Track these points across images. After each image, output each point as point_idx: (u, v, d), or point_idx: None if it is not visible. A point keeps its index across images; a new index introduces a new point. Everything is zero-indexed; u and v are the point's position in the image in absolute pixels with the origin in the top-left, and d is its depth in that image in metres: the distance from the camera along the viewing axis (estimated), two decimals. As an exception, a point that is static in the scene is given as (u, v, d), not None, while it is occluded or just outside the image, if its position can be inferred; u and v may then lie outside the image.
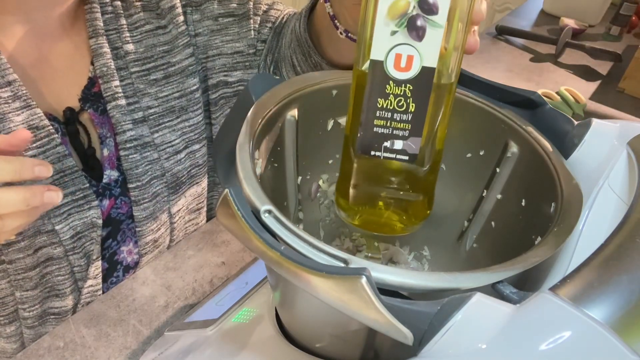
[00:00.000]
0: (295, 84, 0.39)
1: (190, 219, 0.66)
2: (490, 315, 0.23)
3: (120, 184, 0.56)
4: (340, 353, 0.34)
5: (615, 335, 0.21)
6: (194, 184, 0.63)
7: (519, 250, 0.28)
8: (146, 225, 0.58)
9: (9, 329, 0.55)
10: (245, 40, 0.60)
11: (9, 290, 0.52)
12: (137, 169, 0.56)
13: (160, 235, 0.61)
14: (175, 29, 0.57)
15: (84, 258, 0.54)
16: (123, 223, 0.58)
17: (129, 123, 0.54)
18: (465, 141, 0.42)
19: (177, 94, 0.58)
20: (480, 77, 0.41)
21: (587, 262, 0.25)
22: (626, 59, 1.06)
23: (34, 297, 0.53)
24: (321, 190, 0.46)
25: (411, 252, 0.48)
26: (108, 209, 0.55)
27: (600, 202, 0.33)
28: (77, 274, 0.55)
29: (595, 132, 0.36)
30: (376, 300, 0.22)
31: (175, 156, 0.59)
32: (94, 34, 0.52)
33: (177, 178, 0.60)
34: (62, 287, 0.54)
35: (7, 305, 0.53)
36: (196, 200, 0.65)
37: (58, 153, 0.49)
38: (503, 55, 1.10)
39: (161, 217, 0.60)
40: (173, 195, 0.60)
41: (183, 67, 0.57)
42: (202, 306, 0.49)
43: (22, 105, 0.47)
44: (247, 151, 0.31)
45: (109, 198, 0.55)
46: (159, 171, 0.58)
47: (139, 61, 0.55)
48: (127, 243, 0.59)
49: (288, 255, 0.24)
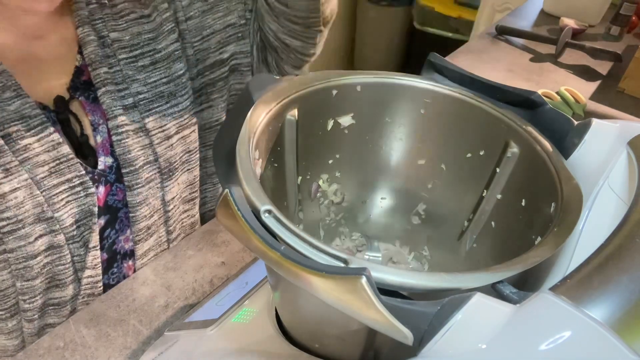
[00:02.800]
0: (295, 84, 0.39)
1: (185, 209, 0.67)
2: (490, 315, 0.23)
3: (115, 170, 0.57)
4: (340, 353, 0.34)
5: (615, 335, 0.21)
6: (186, 171, 0.64)
7: (519, 250, 0.28)
8: (140, 211, 0.59)
9: (10, 324, 0.55)
10: (236, 12, 0.63)
11: (10, 281, 0.52)
12: (130, 154, 0.56)
13: (153, 223, 0.61)
14: (159, 16, 0.58)
15: (83, 247, 0.55)
16: (120, 211, 0.59)
17: (120, 108, 0.55)
18: (465, 141, 0.42)
19: (165, 80, 0.59)
20: (480, 77, 0.41)
21: (587, 262, 0.25)
22: (626, 59, 1.05)
23: (35, 288, 0.53)
24: (321, 190, 0.46)
25: (411, 252, 0.48)
26: (104, 195, 0.56)
27: (600, 202, 0.33)
28: (76, 264, 0.55)
29: (595, 132, 0.36)
30: (376, 300, 0.22)
31: (167, 141, 0.60)
32: (81, 22, 0.54)
33: (170, 164, 0.61)
34: (62, 277, 0.55)
35: (8, 298, 0.54)
36: (189, 189, 0.66)
37: (52, 141, 0.50)
38: (503, 55, 1.10)
39: (154, 203, 0.60)
40: (167, 182, 0.61)
41: (169, 52, 0.59)
42: (202, 306, 0.49)
43: (12, 95, 0.48)
44: (247, 151, 0.31)
45: (105, 185, 0.56)
46: (152, 156, 0.58)
47: (126, 48, 0.56)
48: (125, 231, 0.60)
49: (288, 255, 0.24)
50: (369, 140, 0.45)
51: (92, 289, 0.57)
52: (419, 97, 0.43)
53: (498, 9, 1.69)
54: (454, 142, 0.43)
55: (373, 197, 0.48)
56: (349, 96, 0.42)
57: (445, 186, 0.45)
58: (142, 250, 0.62)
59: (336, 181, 0.47)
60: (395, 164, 0.46)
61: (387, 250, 0.49)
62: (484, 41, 1.16)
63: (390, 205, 0.48)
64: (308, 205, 0.46)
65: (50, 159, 0.50)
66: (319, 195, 0.46)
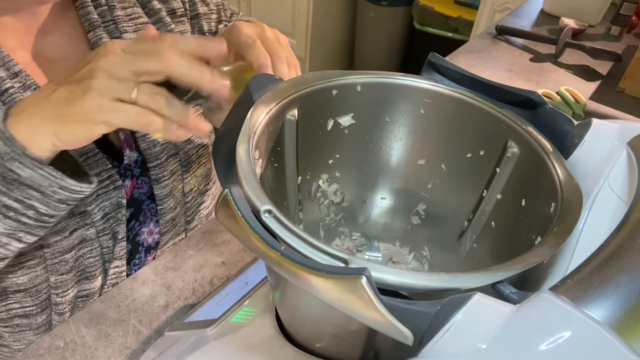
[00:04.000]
0: (295, 84, 0.39)
1: (201, 202, 0.70)
2: (490, 315, 0.23)
3: (139, 164, 0.59)
4: (340, 353, 0.34)
5: (615, 335, 0.21)
6: (202, 165, 0.67)
7: (519, 250, 0.28)
8: (166, 203, 0.62)
9: (40, 319, 0.57)
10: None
11: (44, 276, 0.54)
12: (155, 148, 0.59)
13: (177, 214, 0.65)
14: (164, 28, 0.60)
15: (112, 239, 0.57)
16: (144, 203, 0.61)
17: None
18: (465, 141, 0.42)
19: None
20: (480, 77, 0.41)
21: (587, 262, 0.25)
22: (626, 59, 1.05)
23: (67, 281, 0.55)
24: (321, 190, 0.46)
25: (411, 252, 0.48)
26: (131, 189, 0.59)
27: (600, 202, 0.33)
28: (105, 255, 0.57)
29: (595, 132, 0.36)
30: (376, 300, 0.22)
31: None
32: (91, 27, 0.55)
33: (188, 156, 0.64)
34: (92, 269, 0.57)
35: (40, 293, 0.55)
36: (204, 181, 0.69)
37: None
38: (503, 55, 1.10)
39: (177, 195, 0.63)
40: (186, 174, 0.64)
41: None
42: (202, 306, 0.49)
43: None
44: (247, 151, 0.31)
45: (131, 179, 0.58)
46: (174, 150, 0.61)
47: None
48: (148, 224, 0.62)
49: (288, 255, 0.24)
50: (369, 140, 0.45)
51: (117, 279, 0.59)
52: (419, 97, 0.43)
53: (498, 9, 1.69)
54: (454, 142, 0.43)
55: (373, 197, 0.48)
56: (349, 96, 0.42)
57: (445, 186, 0.45)
58: (165, 240, 0.65)
59: (336, 181, 0.47)
60: (395, 164, 0.46)
61: (387, 250, 0.49)
62: (484, 41, 1.16)
63: (390, 205, 0.48)
64: (308, 205, 0.46)
65: (76, 154, 0.51)
66: (319, 195, 0.46)
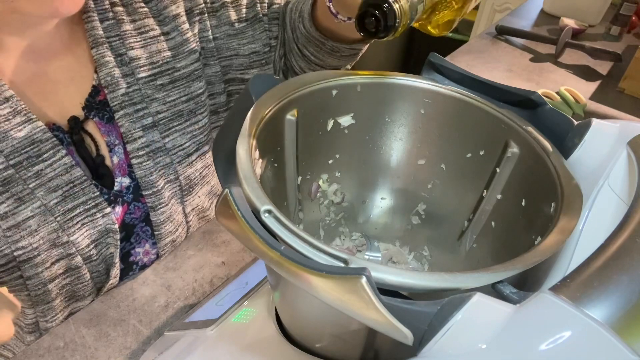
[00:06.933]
0: (295, 84, 0.39)
1: (204, 215, 0.68)
2: (490, 315, 0.23)
3: (132, 190, 0.56)
4: (340, 353, 0.34)
5: (615, 335, 0.21)
6: (205, 184, 0.65)
7: (519, 250, 0.28)
8: (165, 228, 0.59)
9: (29, 338, 0.56)
10: (260, 41, 0.62)
11: (30, 302, 0.52)
12: (152, 176, 0.56)
13: (178, 235, 0.62)
14: (179, 36, 0.57)
15: (102, 263, 0.55)
16: (137, 227, 0.58)
17: (139, 130, 0.55)
18: (465, 141, 0.42)
19: (184, 98, 0.58)
20: (480, 77, 0.41)
21: (587, 262, 0.25)
22: (626, 59, 1.05)
23: (55, 307, 0.54)
24: (321, 190, 0.46)
25: (411, 252, 0.48)
26: (121, 215, 0.56)
27: (600, 202, 0.33)
28: (95, 279, 0.55)
29: (595, 132, 0.36)
30: (376, 300, 0.22)
31: (187, 159, 0.59)
32: (95, 43, 0.52)
33: (190, 180, 0.61)
34: (82, 292, 0.55)
35: (26, 317, 0.54)
36: (207, 198, 0.67)
37: (65, 164, 0.49)
38: (503, 55, 1.10)
39: (177, 218, 0.61)
40: (187, 197, 0.61)
41: (188, 72, 0.58)
42: (202, 306, 0.49)
43: (23, 120, 0.47)
44: (247, 151, 0.31)
45: (122, 205, 0.55)
46: (172, 175, 0.58)
47: (145, 67, 0.55)
48: (143, 244, 0.60)
49: (288, 255, 0.24)
50: (369, 140, 0.45)
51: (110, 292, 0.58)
52: (419, 97, 0.43)
53: (498, 9, 1.69)
54: (454, 142, 0.43)
55: (373, 197, 0.48)
56: (349, 96, 0.42)
57: (445, 186, 0.45)
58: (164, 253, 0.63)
59: (336, 181, 0.47)
60: (395, 164, 0.46)
61: (387, 250, 0.49)
62: (484, 41, 1.16)
63: (390, 205, 0.48)
64: (308, 205, 0.46)
65: (63, 182, 0.49)
66: (319, 195, 0.46)
